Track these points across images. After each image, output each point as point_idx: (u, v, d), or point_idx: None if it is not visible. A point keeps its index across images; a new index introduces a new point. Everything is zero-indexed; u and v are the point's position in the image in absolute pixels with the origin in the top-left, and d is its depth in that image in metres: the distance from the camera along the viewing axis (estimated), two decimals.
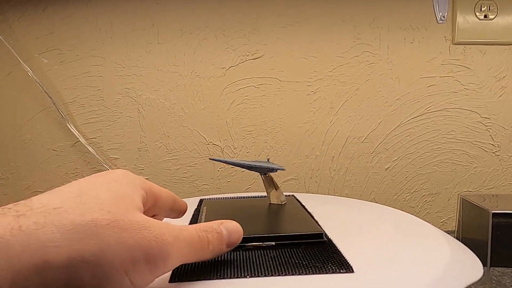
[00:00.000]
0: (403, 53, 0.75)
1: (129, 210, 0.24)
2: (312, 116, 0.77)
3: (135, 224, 0.23)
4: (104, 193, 0.24)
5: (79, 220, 0.21)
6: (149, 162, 0.78)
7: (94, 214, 0.22)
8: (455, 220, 0.67)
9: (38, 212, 0.21)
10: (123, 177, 0.27)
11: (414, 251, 0.33)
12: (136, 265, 0.22)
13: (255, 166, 0.45)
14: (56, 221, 0.21)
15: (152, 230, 0.23)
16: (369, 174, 0.77)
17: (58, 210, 0.21)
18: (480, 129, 0.76)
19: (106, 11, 0.75)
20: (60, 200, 0.22)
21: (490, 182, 0.77)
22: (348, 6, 0.74)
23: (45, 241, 0.20)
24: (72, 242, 0.20)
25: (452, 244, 0.35)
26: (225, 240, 0.28)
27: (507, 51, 0.75)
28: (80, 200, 0.22)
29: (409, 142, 0.77)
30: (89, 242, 0.21)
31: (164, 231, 0.24)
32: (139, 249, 0.22)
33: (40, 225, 0.20)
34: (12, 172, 0.78)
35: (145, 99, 0.77)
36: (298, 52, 0.75)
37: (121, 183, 0.26)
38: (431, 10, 0.74)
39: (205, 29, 0.75)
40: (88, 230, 0.21)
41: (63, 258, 0.20)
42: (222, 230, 0.28)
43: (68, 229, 0.21)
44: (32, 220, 0.20)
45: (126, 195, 0.25)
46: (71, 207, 0.22)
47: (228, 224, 0.29)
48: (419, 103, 0.76)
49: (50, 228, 0.20)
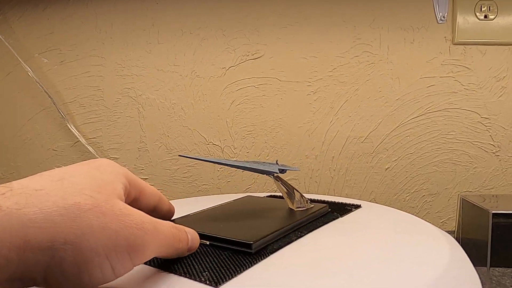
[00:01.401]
0: (403, 53, 0.75)
1: (111, 197, 0.24)
2: (312, 116, 0.77)
3: (117, 211, 0.23)
4: (85, 179, 0.24)
5: (62, 203, 0.21)
6: (149, 162, 0.78)
7: (76, 198, 0.22)
8: (455, 220, 0.67)
9: (18, 193, 0.21)
10: (106, 165, 0.27)
11: (414, 251, 0.32)
12: (118, 251, 0.22)
13: (227, 164, 0.41)
14: (38, 202, 0.20)
15: (133, 217, 0.23)
16: (369, 174, 0.77)
17: (40, 192, 0.21)
18: (480, 129, 0.76)
19: (106, 11, 0.75)
20: (41, 183, 0.22)
21: (490, 182, 0.77)
22: (348, 6, 0.74)
23: (27, 221, 0.20)
24: (54, 224, 0.20)
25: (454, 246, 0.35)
26: (189, 243, 0.29)
27: (507, 51, 0.75)
28: (61, 184, 0.22)
29: (409, 142, 0.77)
30: (72, 225, 0.21)
31: (145, 219, 0.24)
32: (121, 235, 0.22)
33: (22, 205, 0.20)
34: (12, 172, 0.78)
35: (145, 99, 0.77)
36: (298, 52, 0.75)
37: (103, 171, 0.26)
38: (431, 10, 0.74)
39: (205, 29, 0.75)
40: (71, 213, 0.21)
41: (45, 239, 0.20)
42: (187, 233, 0.29)
43: (51, 211, 0.20)
44: (13, 200, 0.20)
45: (107, 183, 0.25)
46: (52, 190, 0.22)
47: (190, 230, 0.30)
48: (419, 103, 0.76)
49: (32, 209, 0.20)
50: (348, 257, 0.31)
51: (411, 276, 0.27)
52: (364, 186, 0.78)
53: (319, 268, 0.29)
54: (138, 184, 0.30)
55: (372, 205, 0.49)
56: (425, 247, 0.34)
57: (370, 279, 0.27)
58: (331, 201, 0.49)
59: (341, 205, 0.47)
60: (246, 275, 0.27)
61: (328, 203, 0.47)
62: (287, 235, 0.36)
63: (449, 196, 0.77)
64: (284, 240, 0.34)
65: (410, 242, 0.35)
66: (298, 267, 0.29)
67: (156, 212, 0.33)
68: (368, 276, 0.27)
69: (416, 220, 0.42)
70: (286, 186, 0.42)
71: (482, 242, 0.55)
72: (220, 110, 0.77)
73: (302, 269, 0.28)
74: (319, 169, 0.78)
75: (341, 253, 0.32)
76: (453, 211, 0.77)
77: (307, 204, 0.42)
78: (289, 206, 0.42)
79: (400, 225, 0.40)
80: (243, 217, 0.41)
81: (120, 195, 0.25)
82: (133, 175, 0.29)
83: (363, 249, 0.33)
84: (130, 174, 0.29)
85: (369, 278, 0.27)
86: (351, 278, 0.27)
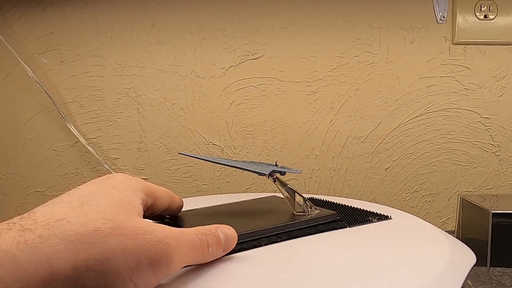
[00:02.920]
0: (403, 53, 0.75)
1: (130, 216, 0.24)
2: (312, 116, 0.77)
3: (138, 230, 0.23)
4: (104, 201, 0.24)
5: (82, 230, 0.22)
6: (149, 162, 0.78)
7: (96, 223, 0.22)
8: (455, 220, 0.67)
9: (42, 225, 0.21)
10: (122, 182, 0.27)
11: (414, 251, 0.32)
12: (141, 270, 0.22)
13: (219, 162, 0.40)
14: (59, 233, 0.21)
15: (155, 234, 0.24)
16: (369, 174, 0.77)
17: (61, 222, 0.22)
18: (480, 129, 0.76)
19: (106, 11, 0.75)
20: (62, 212, 0.23)
21: (490, 182, 0.77)
22: (348, 6, 0.74)
23: (50, 253, 0.20)
24: (76, 252, 0.21)
25: (452, 243, 0.35)
26: (222, 244, 0.29)
27: (507, 51, 0.74)
28: (82, 210, 0.23)
29: (409, 142, 0.77)
30: (92, 251, 0.21)
31: (167, 234, 0.24)
32: (143, 254, 0.23)
33: (45, 238, 0.21)
34: (12, 172, 0.78)
35: (145, 99, 0.77)
36: (298, 52, 0.75)
37: (120, 189, 0.26)
38: (431, 10, 0.74)
39: (205, 29, 0.75)
40: (91, 239, 0.21)
41: (68, 268, 0.20)
42: (219, 234, 0.29)
43: (72, 240, 0.21)
44: (37, 233, 0.21)
45: (126, 202, 0.25)
46: (73, 217, 0.22)
47: (225, 228, 0.30)
48: (419, 103, 0.76)
49: (54, 240, 0.21)
50: (347, 256, 0.31)
51: (411, 276, 0.27)
52: (364, 186, 0.78)
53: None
54: (152, 192, 0.30)
55: (372, 205, 0.49)
56: (425, 247, 0.34)
57: (370, 279, 0.27)
58: (357, 208, 0.45)
59: (363, 214, 0.43)
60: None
61: (351, 210, 0.44)
62: (259, 239, 0.34)
63: (449, 196, 0.77)
64: (251, 243, 0.33)
65: (410, 242, 0.35)
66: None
67: (168, 210, 0.34)
68: (368, 276, 0.27)
69: (416, 220, 0.42)
70: (286, 188, 0.40)
71: (482, 242, 0.55)
72: (220, 110, 0.77)
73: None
74: (319, 169, 0.78)
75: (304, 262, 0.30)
76: (453, 211, 0.77)
77: (311, 210, 0.39)
78: (292, 209, 0.40)
79: (400, 225, 0.40)
80: (239, 216, 0.41)
81: (139, 211, 0.26)
82: (147, 184, 0.30)
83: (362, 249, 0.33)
84: (145, 184, 0.29)
85: (369, 278, 0.27)
86: (350, 278, 0.27)
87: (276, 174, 0.40)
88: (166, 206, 0.33)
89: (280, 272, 0.28)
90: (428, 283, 0.27)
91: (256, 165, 0.40)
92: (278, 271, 0.28)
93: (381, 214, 0.42)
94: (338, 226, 0.38)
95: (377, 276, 0.27)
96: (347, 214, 0.43)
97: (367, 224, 0.40)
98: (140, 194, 0.28)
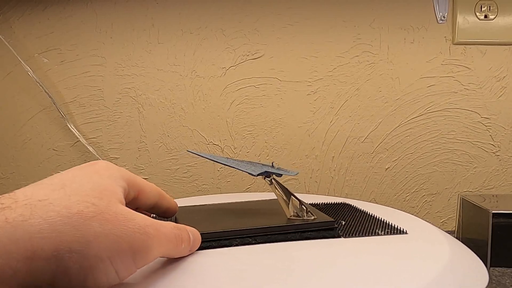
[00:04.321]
0: (403, 53, 0.75)
1: (112, 202, 0.24)
2: (312, 116, 0.77)
3: (120, 216, 0.23)
4: (86, 185, 0.24)
5: (65, 212, 0.22)
6: (149, 162, 0.78)
7: (79, 206, 0.22)
8: (455, 220, 0.67)
9: (23, 204, 0.21)
10: (104, 169, 0.28)
11: (414, 251, 0.32)
12: (122, 256, 0.23)
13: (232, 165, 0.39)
14: (42, 213, 0.21)
15: (136, 222, 0.24)
16: (369, 174, 0.77)
17: (43, 202, 0.22)
18: (480, 129, 0.76)
19: (106, 11, 0.75)
20: (44, 193, 0.23)
21: (490, 182, 0.77)
22: (348, 6, 0.74)
23: (32, 233, 0.20)
24: (59, 234, 0.21)
25: (454, 246, 0.35)
26: (191, 243, 0.30)
27: (507, 51, 0.74)
28: (64, 192, 0.23)
29: (409, 142, 0.77)
30: (76, 233, 0.21)
31: (148, 223, 0.25)
32: (125, 241, 0.23)
33: (27, 217, 0.21)
34: (12, 172, 0.78)
35: (145, 99, 0.77)
36: (298, 52, 0.75)
37: (102, 175, 0.26)
38: (431, 10, 0.74)
39: (205, 29, 0.75)
40: (75, 222, 0.21)
41: (51, 249, 0.21)
42: (189, 233, 0.30)
43: (55, 221, 0.21)
44: (18, 212, 0.21)
45: (107, 188, 0.25)
46: (55, 199, 0.22)
47: (192, 229, 0.31)
48: (419, 103, 0.76)
49: (37, 220, 0.21)
50: (347, 256, 0.31)
51: (411, 276, 0.27)
52: (364, 186, 0.78)
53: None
54: (137, 184, 0.30)
55: (372, 205, 0.49)
56: (425, 247, 0.34)
57: (369, 279, 0.27)
58: (374, 216, 0.41)
59: (375, 223, 0.39)
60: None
61: (365, 217, 0.40)
62: (231, 239, 0.33)
63: (449, 196, 0.77)
64: (222, 242, 0.33)
65: (410, 242, 0.35)
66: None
67: (156, 209, 0.34)
68: (367, 276, 0.27)
69: (416, 221, 0.42)
70: (281, 190, 0.38)
71: (482, 242, 0.55)
72: (220, 110, 0.77)
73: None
74: (319, 169, 0.78)
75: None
76: (453, 211, 0.77)
77: (307, 215, 0.36)
78: (285, 212, 0.38)
79: (399, 225, 0.40)
80: (226, 214, 0.41)
81: (120, 199, 0.26)
82: (131, 175, 0.30)
83: (362, 249, 0.33)
84: (128, 174, 0.29)
85: (369, 278, 0.27)
86: (349, 278, 0.27)
87: (273, 176, 0.38)
88: (153, 203, 0.33)
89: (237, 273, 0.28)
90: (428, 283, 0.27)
91: (251, 164, 0.39)
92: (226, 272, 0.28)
93: (396, 228, 0.37)
94: (329, 235, 0.35)
95: (377, 276, 0.27)
96: (357, 221, 0.39)
97: (370, 237, 0.35)
98: (121, 182, 0.28)
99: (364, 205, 0.48)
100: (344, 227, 0.38)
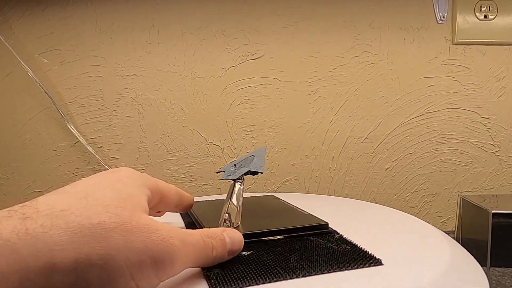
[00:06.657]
0: (403, 53, 0.75)
1: (136, 212, 0.23)
2: (312, 116, 0.77)
3: (143, 227, 0.22)
4: (109, 194, 0.23)
5: (86, 223, 0.21)
6: (149, 162, 0.78)
7: (101, 217, 0.22)
8: (455, 220, 0.67)
9: (44, 215, 0.21)
10: (128, 177, 0.27)
11: (414, 252, 0.32)
12: (143, 269, 0.22)
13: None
14: (62, 223, 0.21)
15: (160, 233, 0.23)
16: (369, 174, 0.77)
17: (65, 213, 0.21)
18: (480, 129, 0.76)
19: (106, 11, 0.75)
20: (66, 202, 0.22)
21: (490, 182, 0.77)
22: (348, 6, 0.74)
23: (52, 244, 0.20)
24: (79, 245, 0.20)
25: (453, 247, 0.35)
26: (228, 247, 0.28)
27: (507, 51, 0.75)
28: (86, 202, 0.22)
29: (409, 142, 0.77)
30: (96, 245, 0.21)
31: (172, 234, 0.24)
32: (147, 253, 0.22)
33: (47, 228, 0.20)
34: (12, 172, 0.78)
35: (145, 99, 0.77)
36: (298, 52, 0.75)
37: (126, 183, 0.26)
38: (431, 10, 0.74)
39: (205, 29, 0.75)
40: (96, 233, 0.21)
41: (70, 261, 0.20)
42: (225, 237, 0.28)
43: (75, 232, 0.20)
44: (39, 223, 0.20)
45: (131, 196, 0.24)
46: (77, 209, 0.22)
47: (231, 232, 0.29)
48: (419, 103, 0.76)
49: (57, 231, 0.20)
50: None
51: (411, 276, 0.27)
52: (364, 186, 0.78)
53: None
54: (159, 189, 0.30)
55: (372, 205, 0.48)
56: (425, 248, 0.34)
57: (369, 280, 0.27)
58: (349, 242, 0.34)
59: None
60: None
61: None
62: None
63: (449, 196, 0.77)
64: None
65: (410, 243, 0.35)
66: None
67: (178, 208, 0.34)
68: (367, 276, 0.27)
69: (416, 221, 0.42)
70: (233, 195, 0.36)
71: (482, 242, 0.55)
72: (220, 110, 0.77)
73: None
74: (319, 169, 0.78)
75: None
76: (453, 211, 0.77)
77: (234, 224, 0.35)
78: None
79: (399, 225, 0.40)
80: (255, 213, 0.42)
81: (144, 207, 0.25)
82: (154, 180, 0.29)
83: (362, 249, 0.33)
84: (151, 180, 0.29)
85: (368, 279, 0.27)
86: (349, 278, 0.27)
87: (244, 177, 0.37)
88: (174, 205, 0.32)
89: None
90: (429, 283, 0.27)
91: (245, 160, 0.40)
92: None
93: (370, 257, 0.30)
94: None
95: (376, 277, 0.27)
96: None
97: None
98: (145, 191, 0.27)
99: (364, 205, 0.48)
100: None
